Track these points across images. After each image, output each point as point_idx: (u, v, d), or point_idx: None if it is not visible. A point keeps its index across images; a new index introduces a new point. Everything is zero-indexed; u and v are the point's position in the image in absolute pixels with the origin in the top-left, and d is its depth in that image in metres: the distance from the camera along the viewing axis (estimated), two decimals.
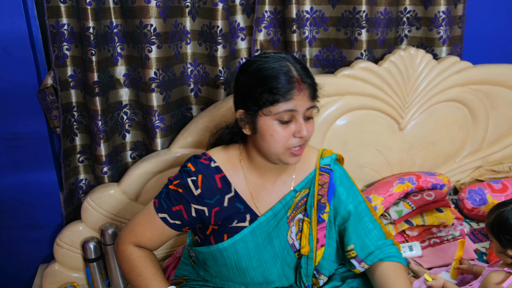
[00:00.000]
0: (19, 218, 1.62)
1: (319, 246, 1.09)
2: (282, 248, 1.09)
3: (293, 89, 0.94)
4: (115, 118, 1.61)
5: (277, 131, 0.96)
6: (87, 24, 1.41)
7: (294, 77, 0.95)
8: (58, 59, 1.48)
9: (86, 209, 1.52)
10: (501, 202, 1.20)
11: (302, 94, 0.95)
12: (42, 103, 1.51)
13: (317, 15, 1.70)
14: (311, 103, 0.98)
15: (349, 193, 1.14)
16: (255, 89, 0.96)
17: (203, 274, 1.20)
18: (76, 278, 1.58)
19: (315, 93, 0.99)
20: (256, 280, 1.10)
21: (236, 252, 1.06)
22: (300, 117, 0.96)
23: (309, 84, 0.97)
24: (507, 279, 1.11)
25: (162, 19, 1.47)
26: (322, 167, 1.12)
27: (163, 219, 1.05)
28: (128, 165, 1.69)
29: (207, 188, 1.04)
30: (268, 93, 0.94)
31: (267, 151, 1.00)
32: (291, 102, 0.94)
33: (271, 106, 0.94)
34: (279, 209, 1.09)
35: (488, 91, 1.83)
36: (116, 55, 1.56)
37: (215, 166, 1.06)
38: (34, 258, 1.69)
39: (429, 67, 1.70)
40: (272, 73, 0.95)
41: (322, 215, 1.09)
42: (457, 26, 1.79)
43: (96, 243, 1.51)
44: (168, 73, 1.54)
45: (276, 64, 0.96)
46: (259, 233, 1.07)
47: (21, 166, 1.56)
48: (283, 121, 0.96)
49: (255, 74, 0.97)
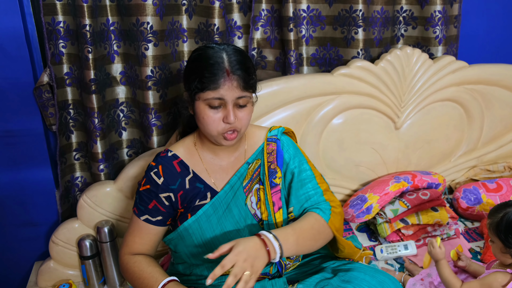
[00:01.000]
0: (15, 216, 1.62)
1: (276, 209, 1.17)
2: (240, 215, 1.17)
3: (220, 79, 1.03)
4: (112, 115, 1.61)
5: (208, 114, 1.06)
6: (84, 22, 1.41)
7: (224, 68, 1.03)
8: (54, 56, 1.47)
9: (82, 207, 1.52)
10: (505, 202, 1.21)
11: (230, 84, 1.04)
12: (38, 100, 1.50)
13: (313, 14, 1.71)
14: (241, 93, 1.06)
15: (294, 159, 1.23)
16: (190, 75, 1.07)
17: (182, 270, 1.23)
18: (72, 275, 1.58)
19: (246, 84, 1.06)
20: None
21: (200, 227, 1.14)
22: (229, 105, 1.05)
23: (239, 75, 1.05)
24: (511, 281, 1.13)
25: (158, 17, 1.47)
26: (269, 138, 1.24)
27: (146, 221, 1.15)
28: (125, 162, 1.68)
29: (169, 175, 1.14)
30: (198, 81, 1.04)
31: (204, 132, 1.12)
32: (218, 90, 1.04)
33: (201, 92, 1.05)
34: (234, 181, 1.19)
35: (483, 91, 1.84)
36: (113, 52, 1.55)
37: (171, 154, 1.17)
38: (30, 255, 1.68)
39: (425, 67, 1.71)
40: (205, 62, 1.05)
41: (274, 180, 1.19)
42: (453, 26, 1.79)
43: (92, 241, 1.50)
44: (164, 71, 1.54)
45: (213, 55, 1.05)
46: (219, 206, 1.15)
47: (16, 163, 1.56)
48: (213, 106, 1.06)
49: (193, 61, 1.09)
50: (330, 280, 1.14)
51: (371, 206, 1.63)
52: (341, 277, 1.15)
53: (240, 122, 1.08)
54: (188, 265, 1.22)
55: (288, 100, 1.60)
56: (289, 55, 1.65)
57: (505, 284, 1.13)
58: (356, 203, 1.67)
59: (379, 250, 1.55)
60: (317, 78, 1.63)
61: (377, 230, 1.66)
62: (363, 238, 1.67)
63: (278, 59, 1.72)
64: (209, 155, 1.20)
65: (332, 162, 1.74)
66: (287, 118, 1.60)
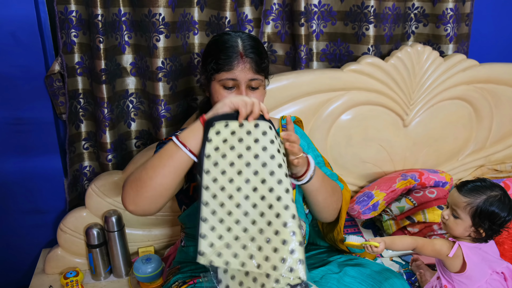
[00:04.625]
0: (23, 203, 1.64)
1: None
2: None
3: (234, 61, 1.10)
4: (121, 106, 1.62)
5: (222, 95, 1.12)
6: (96, 11, 1.41)
7: (238, 51, 1.10)
8: (66, 45, 1.48)
9: (90, 196, 1.53)
10: (481, 179, 1.23)
11: (243, 66, 1.10)
12: (48, 89, 1.51)
13: (325, 9, 1.70)
14: (254, 75, 1.11)
15: (308, 145, 1.30)
16: (207, 58, 1.14)
17: (193, 252, 1.22)
18: (79, 263, 1.59)
19: (258, 67, 1.12)
20: None
21: None
22: (242, 86, 1.11)
23: (252, 58, 1.11)
24: (452, 248, 1.20)
25: (170, 8, 1.47)
26: (283, 125, 1.29)
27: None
28: (133, 153, 1.69)
29: None
30: (214, 63, 1.11)
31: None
32: (232, 72, 1.10)
33: (216, 73, 1.12)
34: None
35: (493, 90, 1.83)
36: (124, 43, 1.56)
37: None
38: (37, 243, 1.70)
39: (435, 64, 1.70)
40: (221, 46, 1.12)
41: None
42: (465, 24, 1.78)
43: (99, 230, 1.52)
44: (175, 62, 1.55)
45: (228, 39, 1.13)
46: None
47: (26, 151, 1.57)
48: (227, 87, 1.12)
49: (210, 46, 1.17)
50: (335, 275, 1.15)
51: (378, 203, 1.63)
52: (347, 272, 1.16)
53: None
54: None
55: (297, 95, 1.60)
56: (299, 50, 1.65)
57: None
58: (362, 199, 1.67)
59: None
60: (326, 74, 1.63)
61: (382, 227, 1.66)
62: (368, 235, 1.67)
63: (288, 53, 1.72)
64: None
65: (339, 158, 1.74)
66: (296, 113, 1.60)
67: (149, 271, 1.45)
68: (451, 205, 1.23)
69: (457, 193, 1.21)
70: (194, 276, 1.19)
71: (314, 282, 1.12)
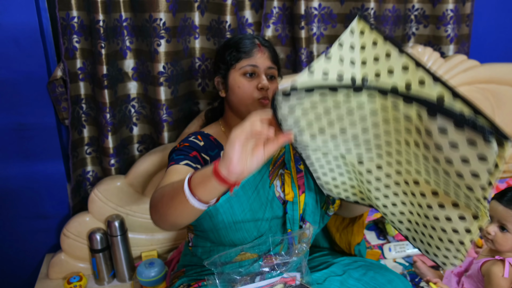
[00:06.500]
0: (27, 208, 1.64)
1: (301, 192, 1.21)
2: (266, 197, 1.19)
3: (253, 48, 1.17)
4: (123, 111, 1.62)
5: (243, 82, 1.15)
6: (97, 17, 1.42)
7: (255, 42, 1.18)
8: (68, 51, 1.49)
9: (93, 201, 1.54)
10: None
11: (262, 54, 1.17)
12: (51, 94, 1.52)
13: (325, 12, 1.71)
14: (271, 64, 1.18)
15: None
16: (225, 52, 1.19)
17: (200, 253, 1.22)
18: (82, 268, 1.60)
19: (275, 58, 1.20)
20: (251, 233, 1.15)
21: (231, 206, 1.14)
22: (262, 73, 1.16)
23: (268, 47, 1.19)
24: (504, 268, 1.13)
25: (171, 13, 1.48)
26: None
27: (186, 165, 1.07)
28: (135, 158, 1.70)
29: (207, 142, 1.17)
30: (234, 52, 1.16)
31: (238, 105, 1.17)
32: (252, 58, 1.16)
33: (236, 62, 1.16)
34: (261, 166, 1.19)
35: (494, 90, 1.83)
36: (125, 48, 1.57)
37: (206, 133, 1.22)
38: (41, 248, 1.71)
39: (436, 65, 1.70)
40: (238, 39, 1.20)
41: (299, 166, 1.23)
42: (465, 25, 1.79)
43: (102, 234, 1.52)
44: (176, 67, 1.55)
45: (243, 36, 1.21)
46: (248, 187, 1.17)
47: (29, 156, 1.58)
48: (247, 74, 1.15)
49: (225, 43, 1.22)
50: (339, 277, 1.15)
51: None
52: (350, 274, 1.16)
53: (271, 92, 1.16)
54: (208, 249, 1.21)
55: None
56: (300, 53, 1.65)
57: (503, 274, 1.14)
58: None
59: (388, 249, 1.55)
60: None
61: (385, 228, 1.66)
62: (371, 237, 1.67)
63: (289, 56, 1.72)
64: None
65: None
66: None
67: (152, 275, 1.46)
68: (496, 219, 1.18)
69: (501, 207, 1.16)
70: (199, 279, 1.19)
71: (317, 285, 1.12)
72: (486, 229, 1.19)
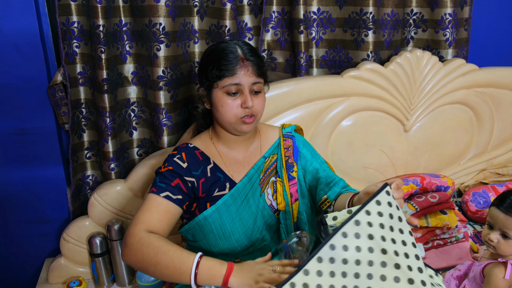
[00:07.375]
0: (27, 212, 1.64)
1: (293, 200, 1.20)
2: (257, 206, 1.20)
3: (236, 65, 1.10)
4: (123, 115, 1.63)
5: (226, 102, 1.11)
6: (97, 22, 1.43)
7: (239, 56, 1.10)
8: (68, 56, 1.50)
9: (93, 205, 1.54)
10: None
11: (246, 70, 1.10)
12: (51, 99, 1.52)
13: (324, 16, 1.71)
14: (256, 78, 1.12)
15: (312, 154, 1.30)
16: (207, 67, 1.13)
17: None
18: (82, 272, 1.59)
19: (260, 71, 1.13)
20: (242, 242, 1.16)
21: (220, 216, 1.15)
22: (246, 90, 1.11)
23: (253, 61, 1.12)
24: (506, 270, 1.14)
25: (171, 18, 1.48)
26: (285, 134, 1.29)
27: (166, 197, 1.08)
28: (135, 162, 1.70)
29: (192, 161, 1.16)
30: (216, 70, 1.10)
31: (222, 121, 1.15)
32: (235, 77, 1.10)
33: (219, 80, 1.11)
34: (252, 174, 1.21)
35: (493, 94, 1.83)
36: (125, 53, 1.58)
37: (192, 146, 1.20)
38: (41, 252, 1.71)
39: (435, 69, 1.71)
40: (221, 53, 1.11)
41: (291, 173, 1.22)
42: (463, 29, 1.79)
43: (102, 238, 1.52)
44: (176, 71, 1.56)
45: (227, 47, 1.12)
46: (238, 196, 1.17)
47: (29, 161, 1.58)
48: (231, 93, 1.11)
49: (208, 55, 1.15)
50: None
51: None
52: None
53: (256, 108, 1.13)
54: None
55: (297, 102, 1.61)
56: (299, 57, 1.66)
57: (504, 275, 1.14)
58: None
59: None
60: (326, 80, 1.64)
61: None
62: None
63: (288, 60, 1.73)
64: (225, 149, 1.22)
65: (340, 164, 1.74)
66: (297, 120, 1.61)
67: (152, 280, 1.46)
68: (498, 227, 1.18)
69: (502, 214, 1.16)
70: None
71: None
72: (489, 237, 1.19)
